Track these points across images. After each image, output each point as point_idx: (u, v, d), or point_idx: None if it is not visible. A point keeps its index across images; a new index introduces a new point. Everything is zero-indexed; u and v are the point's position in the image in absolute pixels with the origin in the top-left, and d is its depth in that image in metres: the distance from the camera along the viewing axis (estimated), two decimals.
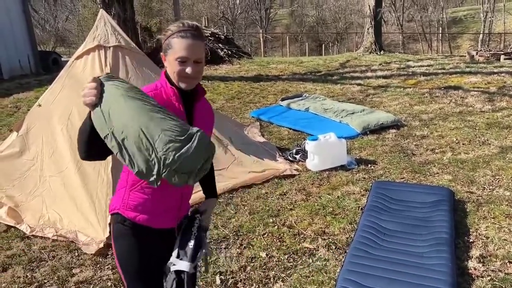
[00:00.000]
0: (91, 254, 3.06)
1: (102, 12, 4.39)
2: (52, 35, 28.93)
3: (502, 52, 12.60)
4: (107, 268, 2.92)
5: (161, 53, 1.56)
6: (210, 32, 12.82)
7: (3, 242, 3.28)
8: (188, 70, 1.49)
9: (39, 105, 4.23)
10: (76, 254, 3.10)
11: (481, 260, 2.81)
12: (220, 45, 12.49)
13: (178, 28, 1.51)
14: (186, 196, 1.69)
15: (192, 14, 31.02)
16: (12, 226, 3.47)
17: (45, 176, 3.77)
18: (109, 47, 4.17)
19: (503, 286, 2.55)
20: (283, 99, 7.25)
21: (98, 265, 2.96)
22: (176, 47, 1.49)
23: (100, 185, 3.48)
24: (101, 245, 3.09)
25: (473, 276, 2.66)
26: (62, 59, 13.11)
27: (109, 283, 2.75)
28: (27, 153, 4.00)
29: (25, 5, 12.06)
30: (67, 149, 3.76)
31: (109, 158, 3.56)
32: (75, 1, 28.59)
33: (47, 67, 12.08)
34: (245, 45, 27.82)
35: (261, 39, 25.61)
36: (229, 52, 12.49)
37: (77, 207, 3.46)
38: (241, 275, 2.79)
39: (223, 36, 13.20)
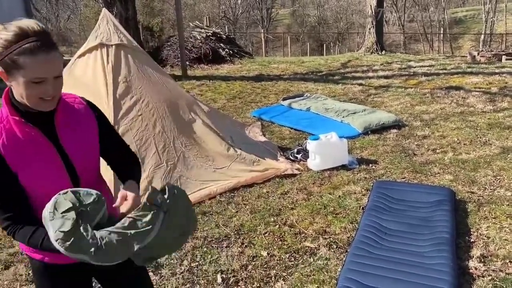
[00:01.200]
0: None
1: (104, 11, 4.40)
2: (54, 34, 29.01)
3: (504, 53, 12.60)
4: None
5: None
6: (211, 31, 12.85)
7: (6, 241, 3.30)
8: (50, 90, 1.23)
9: None
10: None
11: (482, 260, 2.81)
12: (221, 44, 12.52)
13: (19, 38, 1.16)
14: None
15: (194, 14, 31.06)
16: None
17: None
18: (111, 45, 4.18)
19: (504, 286, 2.55)
20: (284, 99, 7.26)
21: None
22: (28, 66, 1.16)
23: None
24: None
25: (474, 275, 2.66)
26: (64, 58, 13.12)
27: None
28: None
29: (27, 5, 12.09)
30: None
31: None
32: (77, 0, 28.64)
33: None
34: (246, 45, 27.84)
35: (263, 39, 25.63)
36: (230, 51, 12.51)
37: None
38: (242, 273, 2.80)
39: (224, 36, 13.22)
